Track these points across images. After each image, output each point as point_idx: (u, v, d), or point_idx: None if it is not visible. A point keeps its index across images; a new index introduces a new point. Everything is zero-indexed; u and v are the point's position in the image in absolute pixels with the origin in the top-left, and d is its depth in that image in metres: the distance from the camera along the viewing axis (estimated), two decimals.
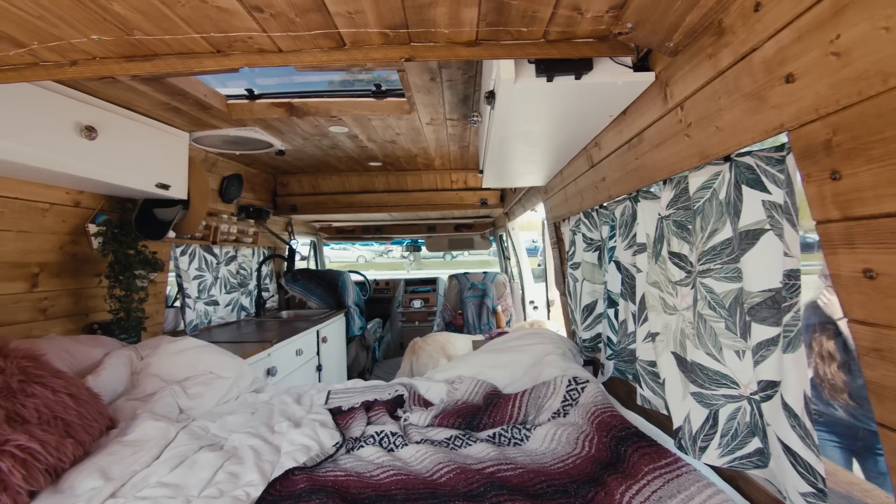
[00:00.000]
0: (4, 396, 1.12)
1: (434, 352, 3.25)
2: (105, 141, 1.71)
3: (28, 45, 0.87)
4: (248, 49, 0.89)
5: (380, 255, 17.55)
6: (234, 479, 1.22)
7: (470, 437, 1.43)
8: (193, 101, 1.88)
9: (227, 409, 1.72)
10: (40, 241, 1.87)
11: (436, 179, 3.79)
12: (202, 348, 1.92)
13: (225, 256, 3.35)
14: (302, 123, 2.34)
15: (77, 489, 1.13)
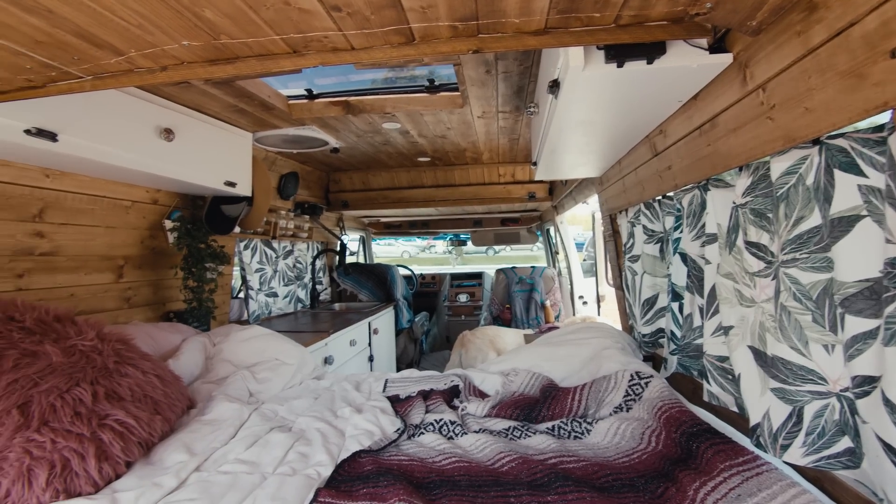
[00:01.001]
0: (103, 376, 1.24)
1: (483, 345, 3.26)
2: (180, 142, 1.84)
3: (126, 53, 0.94)
4: (323, 48, 0.93)
5: (422, 251, 17.73)
6: (304, 458, 1.29)
7: (529, 428, 1.43)
8: (258, 103, 1.98)
9: (292, 394, 1.81)
10: (124, 236, 2.03)
11: (483, 173, 3.79)
12: (268, 336, 2.03)
13: (283, 251, 3.51)
14: (356, 121, 2.40)
15: (166, 461, 1.23)
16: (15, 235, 1.58)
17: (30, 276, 1.65)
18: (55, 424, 1.04)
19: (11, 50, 0.90)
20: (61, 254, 1.75)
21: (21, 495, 0.96)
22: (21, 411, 1.02)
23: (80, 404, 1.11)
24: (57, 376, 1.13)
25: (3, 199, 1.52)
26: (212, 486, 1.11)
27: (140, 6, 0.78)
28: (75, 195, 1.75)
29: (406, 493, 1.02)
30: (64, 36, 0.86)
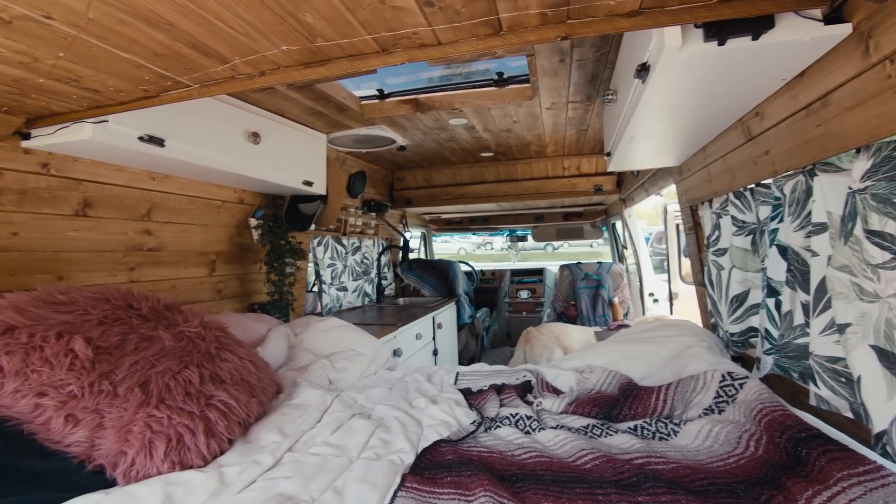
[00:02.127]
0: (206, 360, 1.35)
1: (549, 342, 3.21)
2: (265, 145, 1.96)
3: (231, 61, 1.01)
4: (411, 45, 0.95)
5: (478, 247, 17.72)
6: (386, 445, 1.33)
7: (609, 427, 1.39)
8: (334, 104, 2.07)
9: (368, 383, 1.88)
10: (216, 233, 2.21)
11: (547, 167, 3.71)
12: (345, 328, 2.12)
13: (351, 247, 3.65)
14: (424, 118, 2.44)
15: (261, 441, 1.33)
16: (127, 233, 1.76)
17: (140, 269, 1.84)
18: (170, 402, 1.15)
19: (135, 63, 1.01)
20: (165, 249, 1.93)
21: (144, 464, 1.07)
22: (142, 389, 1.14)
23: (190, 385, 1.22)
24: (169, 359, 1.25)
25: (118, 201, 1.70)
26: (304, 465, 1.18)
27: (248, 14, 0.84)
28: (176, 196, 1.92)
29: (491, 485, 1.03)
30: (180, 47, 0.95)
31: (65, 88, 1.11)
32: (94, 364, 1.11)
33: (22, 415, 1.04)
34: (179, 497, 1.01)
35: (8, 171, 1.36)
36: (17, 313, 1.10)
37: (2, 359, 1.03)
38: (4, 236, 1.38)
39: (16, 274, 1.42)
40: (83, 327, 1.16)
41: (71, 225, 1.55)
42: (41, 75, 1.03)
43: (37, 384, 1.04)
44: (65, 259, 1.56)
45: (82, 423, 1.05)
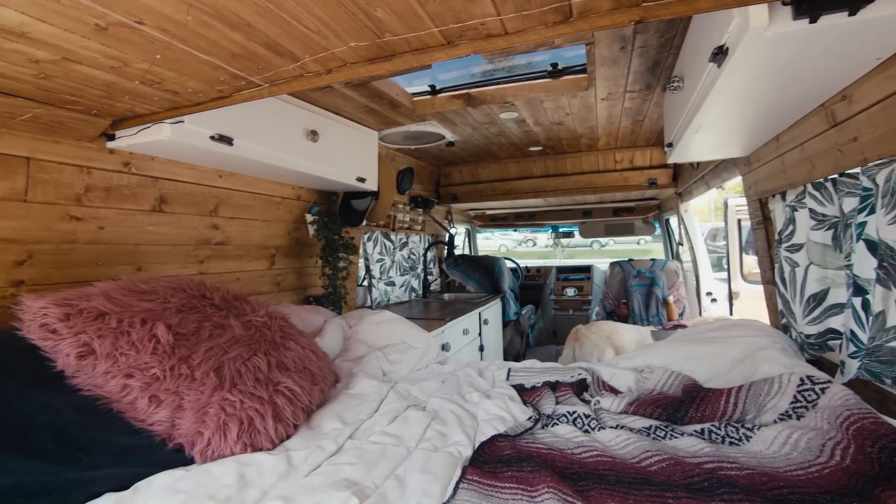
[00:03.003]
0: (273, 348, 1.41)
1: (599, 340, 3.12)
2: (322, 142, 2.02)
3: (301, 59, 1.05)
4: (477, 36, 0.95)
5: (519, 244, 17.46)
6: (442, 437, 1.34)
7: (673, 429, 1.33)
8: (388, 101, 2.10)
9: (421, 376, 1.91)
10: (276, 229, 2.30)
11: (598, 161, 3.61)
12: (397, 321, 2.16)
13: (399, 242, 3.70)
14: (474, 113, 2.43)
15: (324, 428, 1.37)
16: (198, 228, 1.87)
17: (208, 262, 1.94)
18: (242, 387, 1.21)
19: (213, 64, 1.06)
20: (230, 243, 2.03)
21: (218, 444, 1.13)
22: (217, 374, 1.21)
23: (259, 371, 1.28)
24: (240, 346, 1.31)
25: (189, 197, 1.81)
26: (366, 453, 1.21)
27: (323, 12, 0.86)
28: (240, 193, 2.02)
29: (554, 482, 1.01)
30: (255, 48, 0.99)
31: (148, 91, 1.18)
32: (173, 349, 1.19)
33: (111, 394, 1.12)
34: (252, 477, 1.06)
35: (96, 170, 1.47)
36: (107, 300, 1.19)
37: (94, 342, 1.12)
38: (93, 230, 1.50)
39: (102, 265, 1.54)
40: (164, 314, 1.24)
41: (149, 220, 1.66)
42: (129, 79, 1.10)
43: (125, 366, 1.12)
44: (143, 252, 1.67)
45: (164, 404, 1.13)
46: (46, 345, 1.11)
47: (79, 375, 1.12)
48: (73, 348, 1.10)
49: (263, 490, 1.02)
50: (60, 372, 1.12)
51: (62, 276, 1.43)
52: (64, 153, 1.38)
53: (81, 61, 1.00)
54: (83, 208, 1.46)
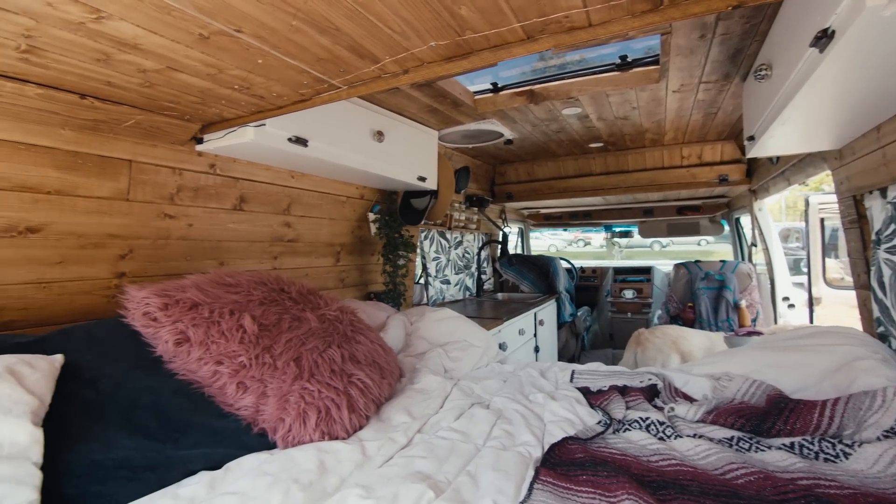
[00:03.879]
0: (345, 341, 1.46)
1: (664, 345, 2.99)
2: (387, 143, 2.06)
3: (381, 61, 1.07)
4: (559, 29, 0.93)
5: (570, 244, 16.98)
6: (510, 436, 1.34)
7: (759, 441, 1.25)
8: (450, 100, 2.11)
9: (482, 374, 1.91)
10: (341, 227, 2.38)
11: (663, 156, 3.45)
12: (458, 319, 2.17)
13: (454, 241, 3.73)
14: (536, 110, 2.40)
15: (393, 420, 1.40)
16: (272, 225, 1.97)
17: (281, 258, 2.05)
18: (319, 377, 1.27)
19: (298, 69, 1.11)
20: (300, 241, 2.13)
21: (299, 431, 1.19)
22: (296, 364, 1.27)
23: (334, 363, 1.33)
24: (316, 338, 1.37)
25: (265, 196, 1.91)
26: (436, 448, 1.22)
27: (408, 13, 0.88)
28: (310, 192, 2.11)
29: (634, 489, 0.98)
30: (340, 51, 1.02)
31: (237, 96, 1.26)
32: (258, 339, 1.26)
33: (203, 379, 1.20)
34: (331, 464, 1.10)
35: (186, 171, 1.59)
36: (200, 292, 1.28)
37: (189, 330, 1.21)
38: (183, 227, 1.62)
39: (190, 259, 1.66)
40: (248, 306, 1.32)
41: (230, 218, 1.77)
42: (223, 85, 1.18)
43: (215, 353, 1.20)
44: (225, 247, 1.79)
45: (250, 391, 1.20)
46: (148, 331, 1.21)
47: (175, 361, 1.21)
48: (171, 335, 1.19)
49: (342, 477, 1.06)
50: (159, 357, 1.22)
51: (157, 269, 1.56)
52: (160, 156, 1.50)
53: (183, 69, 1.08)
54: (175, 207, 1.58)
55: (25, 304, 1.26)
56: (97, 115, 1.26)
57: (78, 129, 1.29)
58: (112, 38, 0.92)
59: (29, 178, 1.22)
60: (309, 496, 0.97)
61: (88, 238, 1.37)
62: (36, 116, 1.19)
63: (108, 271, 1.44)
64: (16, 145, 1.19)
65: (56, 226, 1.29)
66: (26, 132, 1.20)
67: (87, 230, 1.36)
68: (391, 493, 0.97)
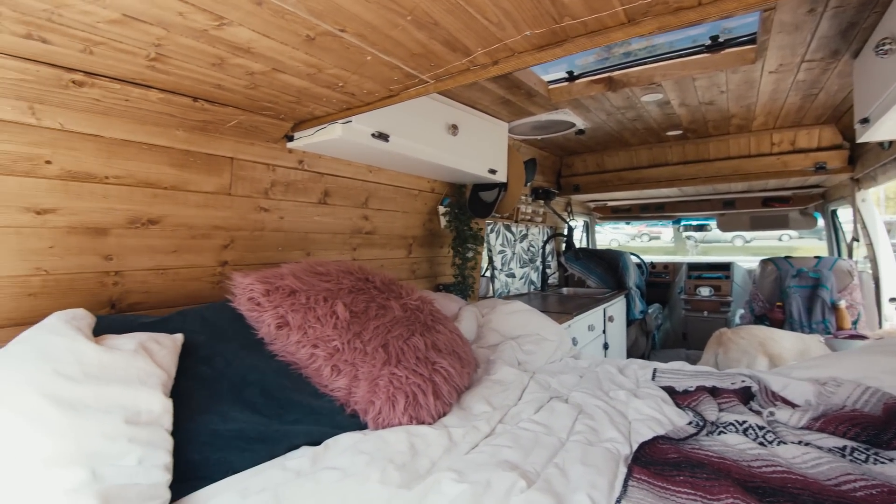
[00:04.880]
0: (426, 330, 1.50)
1: (750, 347, 2.79)
2: (460, 136, 2.08)
3: (473, 53, 1.08)
4: (665, 10, 0.89)
5: (632, 239, 16.17)
6: (594, 432, 1.31)
7: (877, 453, 1.13)
8: (524, 91, 2.08)
9: (556, 369, 1.88)
10: (413, 220, 2.43)
11: (749, 143, 3.20)
12: (530, 312, 2.15)
13: (519, 234, 3.69)
14: (613, 97, 2.31)
15: (473, 409, 1.42)
16: (352, 218, 2.05)
17: (360, 249, 2.13)
18: (406, 364, 1.31)
19: (391, 65, 1.14)
20: (377, 233, 2.21)
21: (388, 414, 1.24)
22: (384, 350, 1.32)
23: (418, 350, 1.37)
24: (400, 326, 1.42)
25: (346, 191, 1.99)
26: (520, 438, 1.23)
27: (508, 3, 0.87)
28: (386, 186, 2.17)
29: (739, 493, 0.92)
30: (434, 45, 1.04)
31: (330, 94, 1.32)
32: (349, 325, 1.32)
33: (301, 361, 1.29)
34: (420, 447, 1.14)
35: (279, 167, 1.69)
36: (296, 279, 1.36)
37: (288, 315, 1.29)
38: (275, 220, 1.73)
39: (282, 250, 1.77)
40: (339, 294, 1.39)
41: (316, 211, 1.87)
42: (319, 84, 1.24)
43: (312, 337, 1.28)
44: (311, 239, 1.89)
45: (343, 374, 1.26)
46: (253, 315, 1.31)
47: (275, 343, 1.30)
48: (273, 319, 1.28)
49: (432, 460, 1.09)
50: (261, 339, 1.32)
51: (254, 258, 1.68)
52: (256, 153, 1.61)
53: (286, 70, 1.15)
54: (269, 201, 1.69)
55: (147, 289, 1.41)
56: (206, 117, 1.38)
57: (189, 129, 1.41)
58: (229, 43, 1.00)
59: (150, 174, 1.36)
60: (403, 476, 1.01)
61: (197, 229, 1.50)
62: (155, 119, 1.32)
63: (213, 259, 1.57)
64: (139, 145, 1.33)
65: (171, 218, 1.43)
66: (147, 133, 1.34)
67: (197, 222, 1.49)
68: (484, 479, 0.99)
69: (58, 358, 0.92)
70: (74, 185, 1.22)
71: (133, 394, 0.95)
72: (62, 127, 1.17)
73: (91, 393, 0.91)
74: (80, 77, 1.09)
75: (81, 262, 1.26)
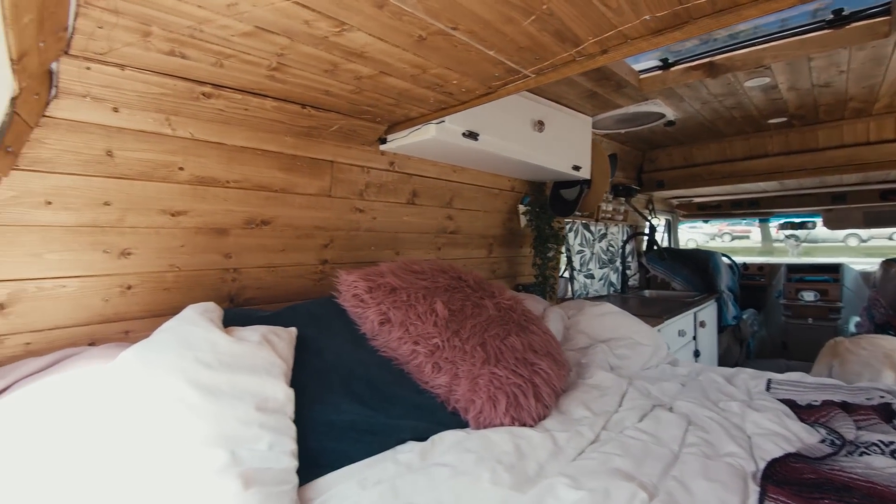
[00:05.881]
0: (520, 330, 1.47)
1: (873, 359, 2.47)
2: (546, 132, 2.03)
3: (582, 43, 1.04)
4: None
5: (712, 239, 14.99)
6: (709, 445, 1.21)
7: None
8: (614, 83, 1.99)
9: (654, 375, 1.77)
10: (494, 219, 2.42)
11: (868, 129, 2.84)
12: (621, 314, 2.05)
13: (598, 234, 3.55)
14: (712, 84, 2.15)
15: (573, 414, 1.37)
16: (437, 218, 2.08)
17: (444, 249, 2.15)
18: (505, 364, 1.29)
19: (495, 61, 1.13)
20: (460, 232, 2.21)
21: (489, 414, 1.22)
22: (482, 349, 1.31)
23: (516, 351, 1.35)
24: (496, 326, 1.40)
25: (432, 191, 2.01)
26: (629, 447, 1.16)
27: None
28: (469, 186, 2.17)
29: None
30: (543, 37, 1.02)
31: (428, 94, 1.34)
32: (447, 323, 1.33)
33: (402, 357, 1.31)
34: (526, 449, 1.11)
35: (373, 170, 1.75)
36: (396, 277, 1.39)
37: (390, 312, 1.32)
38: (369, 220, 1.79)
39: (374, 249, 1.83)
40: (436, 292, 1.40)
41: (405, 211, 1.91)
42: (420, 85, 1.26)
43: (413, 334, 1.30)
44: (400, 238, 1.93)
45: (443, 371, 1.27)
46: (357, 311, 1.36)
47: (377, 338, 1.34)
48: (376, 316, 1.32)
49: (539, 464, 1.06)
50: (363, 334, 1.36)
51: (349, 256, 1.75)
52: (353, 156, 1.67)
53: (392, 73, 1.18)
54: (363, 202, 1.75)
55: (260, 285, 1.51)
56: (311, 122, 1.45)
57: (296, 135, 1.50)
58: (344, 48, 1.04)
59: (263, 178, 1.46)
60: (514, 478, 0.99)
61: (302, 230, 1.59)
62: (268, 126, 1.41)
63: (315, 258, 1.65)
64: (254, 151, 1.43)
65: (280, 219, 1.52)
66: (261, 140, 1.43)
67: (301, 223, 1.58)
68: (602, 487, 0.94)
69: (197, 347, 1.01)
70: (201, 189, 1.33)
71: (261, 382, 1.02)
72: (192, 136, 1.28)
73: (225, 380, 0.98)
74: (208, 89, 1.19)
75: (206, 259, 1.38)
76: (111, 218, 1.20)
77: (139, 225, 1.24)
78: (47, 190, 1.11)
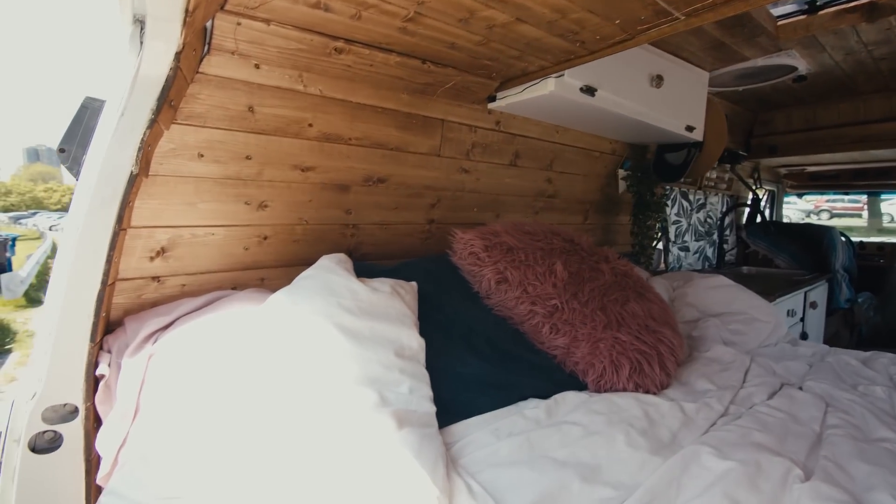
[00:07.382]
0: (638, 297, 1.41)
1: None
2: (664, 89, 1.87)
3: None
4: None
5: (808, 216, 13.47)
6: (856, 428, 1.11)
7: None
8: (748, 31, 1.78)
9: (775, 353, 1.65)
10: (592, 183, 2.31)
11: None
12: (736, 288, 1.92)
13: (696, 203, 3.30)
14: (866, 30, 1.86)
15: (695, 386, 1.31)
16: (537, 181, 2.02)
17: (541, 213, 2.10)
18: (628, 330, 1.25)
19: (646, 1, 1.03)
20: (558, 196, 2.15)
21: (611, 378, 1.20)
22: (603, 313, 1.27)
23: (637, 317, 1.30)
24: (615, 290, 1.36)
25: (534, 152, 1.95)
26: (766, 423, 1.09)
27: None
28: (570, 147, 2.08)
29: None
30: None
31: (558, 43, 1.27)
32: (565, 285, 1.30)
33: (518, 316, 1.31)
34: (655, 416, 1.08)
35: (480, 129, 1.72)
36: (512, 237, 1.38)
37: (508, 271, 1.32)
38: (473, 181, 1.77)
39: (477, 210, 1.82)
40: (552, 254, 1.37)
41: (507, 173, 1.87)
42: (554, 33, 1.19)
43: (532, 295, 1.28)
44: (501, 200, 1.91)
45: (562, 333, 1.25)
46: (473, 269, 1.36)
47: (491, 297, 1.34)
48: (493, 274, 1.32)
49: (672, 432, 1.03)
50: (477, 292, 1.37)
51: (454, 217, 1.75)
52: (462, 115, 1.65)
53: (528, 20, 1.12)
54: (469, 162, 1.73)
55: (374, 241, 1.56)
56: (428, 79, 1.43)
57: (412, 92, 1.49)
58: None
59: (381, 136, 1.47)
60: (649, 442, 0.96)
61: (413, 188, 1.60)
62: (389, 83, 1.41)
63: (423, 217, 1.67)
64: (374, 108, 1.44)
65: (395, 177, 1.55)
66: (380, 97, 1.44)
67: (412, 181, 1.59)
68: (752, 459, 0.89)
69: (340, 294, 1.06)
70: (328, 145, 1.37)
71: (397, 330, 1.06)
72: (321, 93, 1.32)
73: (367, 326, 1.03)
74: (340, 44, 1.20)
75: (330, 214, 1.44)
76: (252, 171, 1.28)
77: (275, 179, 1.31)
78: (200, 143, 1.19)
